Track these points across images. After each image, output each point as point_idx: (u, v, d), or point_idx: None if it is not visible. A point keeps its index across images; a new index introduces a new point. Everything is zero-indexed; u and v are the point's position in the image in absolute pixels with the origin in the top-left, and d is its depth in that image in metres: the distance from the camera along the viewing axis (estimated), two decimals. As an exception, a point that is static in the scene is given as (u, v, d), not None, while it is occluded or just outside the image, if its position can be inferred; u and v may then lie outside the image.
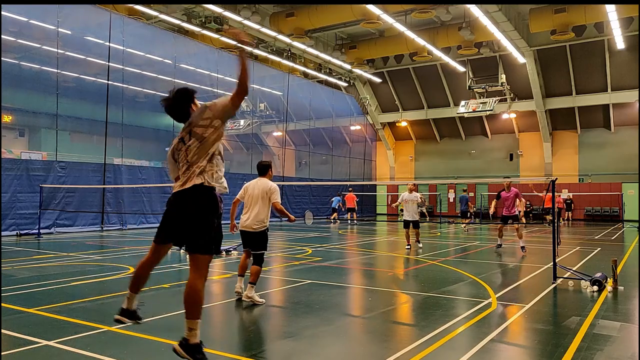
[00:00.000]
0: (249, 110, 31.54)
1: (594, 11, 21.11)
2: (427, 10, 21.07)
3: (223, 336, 5.64)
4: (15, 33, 20.37)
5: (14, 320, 5.74)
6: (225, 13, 20.88)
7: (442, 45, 25.76)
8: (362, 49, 28.07)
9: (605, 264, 10.32)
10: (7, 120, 25.43)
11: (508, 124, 32.55)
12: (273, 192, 6.81)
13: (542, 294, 7.49)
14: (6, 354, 4.54)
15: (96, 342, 4.95)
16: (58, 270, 9.56)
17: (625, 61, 26.62)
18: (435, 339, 5.11)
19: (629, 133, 29.18)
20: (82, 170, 19.10)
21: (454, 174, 34.23)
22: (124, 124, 20.79)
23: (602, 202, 29.69)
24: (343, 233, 19.82)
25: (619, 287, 7.79)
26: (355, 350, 5.07)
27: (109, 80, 19.89)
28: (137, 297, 4.22)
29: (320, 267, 10.24)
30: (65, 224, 18.21)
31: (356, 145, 35.99)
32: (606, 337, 5.30)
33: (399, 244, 15.10)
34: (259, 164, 7.23)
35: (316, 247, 14.32)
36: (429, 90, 32.86)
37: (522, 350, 5.05)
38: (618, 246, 15.35)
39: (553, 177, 8.83)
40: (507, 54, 27.36)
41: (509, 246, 14.22)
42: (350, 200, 26.24)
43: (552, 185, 8.50)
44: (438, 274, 9.76)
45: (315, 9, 21.93)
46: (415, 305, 6.99)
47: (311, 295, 7.45)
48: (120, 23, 20.12)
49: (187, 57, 24.06)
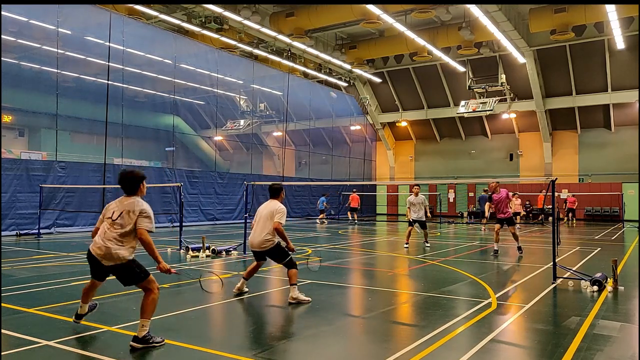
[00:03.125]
0: (249, 110, 31.54)
1: (594, 11, 21.09)
2: (427, 10, 21.07)
3: (223, 336, 5.64)
4: (15, 33, 20.39)
5: (14, 320, 5.74)
6: (225, 13, 20.87)
7: (442, 45, 25.76)
8: (362, 49, 28.07)
9: (605, 264, 10.32)
10: (7, 120, 25.47)
11: (508, 124, 32.55)
12: (278, 212, 6.91)
13: (542, 294, 7.49)
14: (6, 354, 4.54)
15: (96, 342, 4.95)
16: (58, 270, 9.56)
17: (625, 61, 26.61)
18: (435, 339, 5.11)
19: (629, 133, 29.18)
20: (82, 170, 19.09)
21: (454, 174, 34.23)
22: (124, 124, 20.79)
23: (602, 202, 29.68)
24: (343, 233, 19.82)
25: (619, 287, 7.78)
26: (355, 350, 5.07)
27: (109, 80, 19.88)
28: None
29: (320, 267, 10.24)
30: (65, 224, 18.20)
31: (356, 145, 35.99)
32: (606, 337, 5.30)
33: (399, 244, 15.10)
34: (271, 187, 7.36)
35: (316, 247, 14.32)
36: (429, 90, 32.85)
37: (522, 350, 5.05)
38: (618, 246, 15.35)
39: (553, 177, 8.83)
40: (507, 54, 27.36)
41: (508, 246, 14.20)
42: (354, 200, 26.49)
43: (552, 185, 8.50)
44: (438, 274, 9.76)
45: (315, 9, 21.93)
46: (415, 305, 6.99)
47: (311, 295, 7.45)
48: (120, 23, 20.11)
49: (187, 57, 24.06)
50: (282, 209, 6.95)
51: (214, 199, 24.16)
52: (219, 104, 27.09)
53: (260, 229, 6.94)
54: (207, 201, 23.70)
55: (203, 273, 8.58)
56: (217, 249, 11.81)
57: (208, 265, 10.27)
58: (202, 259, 11.21)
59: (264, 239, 6.88)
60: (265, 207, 7.11)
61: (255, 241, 6.96)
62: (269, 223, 6.89)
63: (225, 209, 24.81)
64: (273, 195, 7.27)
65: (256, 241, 6.94)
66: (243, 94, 31.35)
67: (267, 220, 6.93)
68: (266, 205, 7.15)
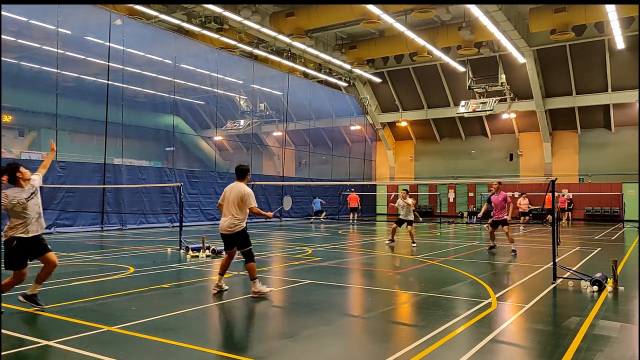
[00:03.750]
0: (249, 110, 31.55)
1: (594, 11, 21.09)
2: (427, 10, 21.07)
3: (223, 336, 5.64)
4: (15, 33, 20.39)
5: (14, 320, 5.74)
6: (225, 13, 20.88)
7: (442, 45, 25.76)
8: (362, 49, 28.07)
9: (605, 264, 10.32)
10: (7, 120, 25.49)
11: (508, 124, 32.55)
12: (248, 198, 7.15)
13: (542, 294, 7.49)
14: (6, 354, 4.54)
15: (96, 342, 4.94)
16: (58, 270, 9.52)
17: (625, 61, 26.61)
18: (435, 339, 5.11)
19: (629, 133, 29.18)
20: (82, 170, 19.08)
21: (454, 174, 34.23)
22: (124, 124, 20.79)
23: (602, 202, 29.69)
24: (343, 233, 19.82)
25: (619, 288, 7.78)
26: (355, 350, 5.07)
27: (109, 80, 19.89)
28: None
29: (320, 267, 10.24)
30: (65, 224, 18.20)
31: (356, 145, 36.00)
32: (606, 337, 5.30)
33: (398, 244, 15.10)
34: (237, 168, 7.46)
35: (316, 247, 14.32)
36: (429, 90, 32.86)
37: (522, 351, 5.05)
38: (618, 246, 15.35)
39: (553, 177, 8.82)
40: (507, 54, 27.36)
41: (508, 246, 14.18)
42: (353, 200, 26.48)
43: (552, 185, 8.50)
44: (438, 274, 9.76)
45: (315, 8, 21.93)
46: (415, 305, 6.98)
47: (311, 295, 7.45)
48: (120, 23, 20.12)
49: (187, 57, 24.07)
50: (249, 192, 7.19)
51: (214, 199, 24.11)
52: (219, 104, 27.09)
53: (229, 212, 7.17)
54: (207, 201, 23.70)
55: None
56: (217, 249, 11.81)
57: (208, 265, 10.27)
58: (202, 259, 11.21)
59: (232, 222, 7.13)
60: (232, 191, 7.26)
61: (224, 224, 7.22)
62: (239, 209, 7.14)
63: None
64: (239, 176, 7.36)
65: (225, 224, 7.20)
66: (243, 94, 31.35)
67: (234, 204, 7.15)
68: (232, 188, 7.29)
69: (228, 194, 7.28)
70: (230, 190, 7.28)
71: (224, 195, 7.35)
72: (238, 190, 7.19)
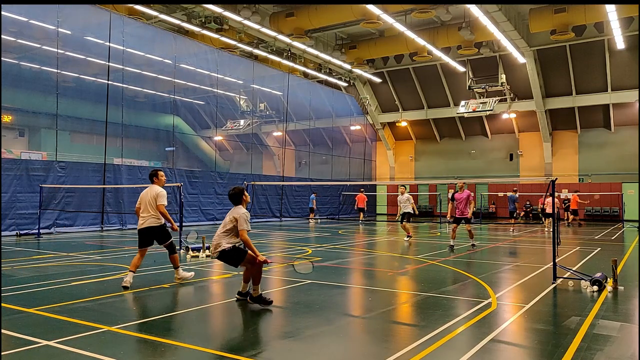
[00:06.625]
0: (249, 110, 31.54)
1: (594, 11, 21.10)
2: (427, 10, 21.07)
3: (223, 336, 5.64)
4: (15, 33, 20.37)
5: (14, 320, 5.74)
6: (225, 13, 20.88)
7: (442, 45, 25.76)
8: (362, 49, 28.07)
9: (605, 264, 10.32)
10: (7, 120, 25.47)
11: (508, 124, 32.56)
12: (158, 196, 8.02)
13: (542, 294, 7.49)
14: (6, 354, 4.54)
15: (96, 342, 4.94)
16: (58, 270, 9.55)
17: (625, 61, 26.61)
18: (435, 339, 5.11)
19: (629, 133, 29.18)
20: (82, 170, 19.08)
21: (454, 174, 34.22)
22: (124, 124, 20.78)
23: (602, 202, 29.68)
24: (343, 233, 19.82)
25: (619, 287, 7.78)
26: (355, 350, 5.07)
27: (109, 80, 19.88)
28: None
29: (320, 267, 10.24)
30: (65, 224, 18.19)
31: (356, 145, 35.99)
32: (606, 337, 5.30)
33: (399, 243, 15.10)
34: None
35: (316, 247, 14.32)
36: (429, 90, 32.86)
37: (522, 350, 5.05)
38: (618, 246, 15.35)
39: (553, 177, 8.82)
40: (507, 54, 27.36)
41: (508, 247, 14.22)
42: (361, 200, 26.66)
43: (552, 185, 8.50)
44: (438, 274, 9.76)
45: (315, 9, 21.93)
46: (415, 305, 6.98)
47: (311, 295, 7.45)
48: (120, 23, 20.12)
49: (187, 57, 24.05)
50: (162, 192, 8.08)
51: (214, 199, 24.15)
52: (219, 104, 27.09)
53: (148, 215, 8.04)
54: (207, 201, 23.69)
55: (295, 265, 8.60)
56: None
57: (208, 265, 10.28)
58: (202, 259, 11.21)
59: (150, 220, 8.00)
60: (148, 193, 8.15)
61: (145, 223, 8.04)
62: (154, 208, 8.03)
63: (225, 209, 24.74)
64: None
65: (146, 223, 8.02)
66: (243, 94, 31.34)
67: (150, 204, 8.04)
68: (147, 191, 8.18)
69: (144, 195, 8.21)
70: (147, 193, 8.21)
71: (141, 197, 8.29)
72: (152, 191, 8.09)
